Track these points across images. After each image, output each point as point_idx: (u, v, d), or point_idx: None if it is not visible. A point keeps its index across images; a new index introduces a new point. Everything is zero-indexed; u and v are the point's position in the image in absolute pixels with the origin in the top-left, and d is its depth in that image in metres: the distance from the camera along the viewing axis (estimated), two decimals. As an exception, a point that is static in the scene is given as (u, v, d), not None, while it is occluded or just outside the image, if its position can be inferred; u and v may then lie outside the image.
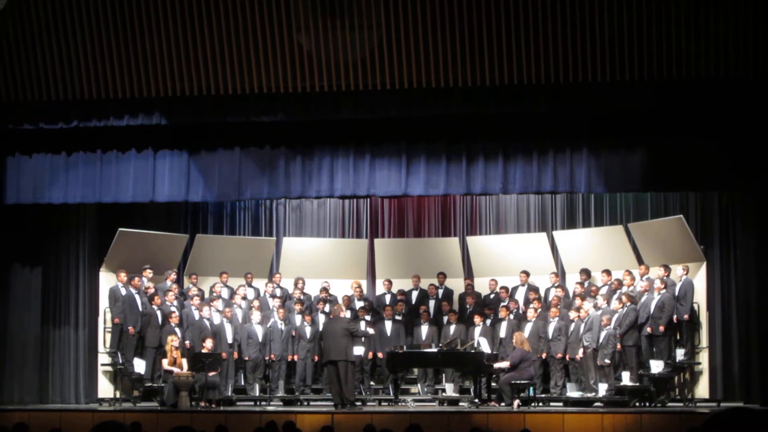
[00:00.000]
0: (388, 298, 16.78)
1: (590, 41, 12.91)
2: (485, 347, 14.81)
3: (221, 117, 13.87)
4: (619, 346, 14.46)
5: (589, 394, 14.50)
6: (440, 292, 16.76)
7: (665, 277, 14.71)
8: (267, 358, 15.69)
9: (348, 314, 15.28)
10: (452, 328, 15.66)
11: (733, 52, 12.74)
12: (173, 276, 16.09)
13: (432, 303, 16.58)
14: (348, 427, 12.30)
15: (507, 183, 13.77)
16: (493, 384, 14.83)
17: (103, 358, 15.63)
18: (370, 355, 15.97)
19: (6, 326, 15.17)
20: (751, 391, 14.44)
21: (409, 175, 13.89)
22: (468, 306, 16.28)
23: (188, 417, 13.20)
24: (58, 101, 14.01)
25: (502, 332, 15.41)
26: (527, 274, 16.33)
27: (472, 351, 14.67)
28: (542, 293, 16.15)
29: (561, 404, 14.60)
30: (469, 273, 17.31)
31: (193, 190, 14.30)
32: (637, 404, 14.07)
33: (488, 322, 15.73)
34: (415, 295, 16.88)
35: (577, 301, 15.23)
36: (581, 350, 14.76)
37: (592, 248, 16.32)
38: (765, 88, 12.82)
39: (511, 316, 15.53)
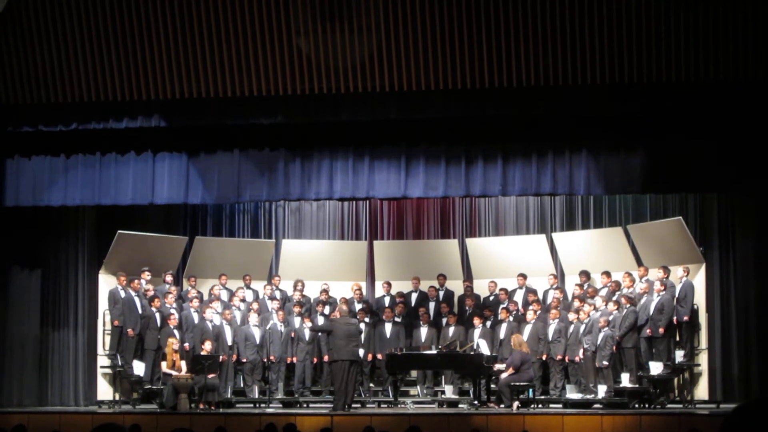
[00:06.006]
0: (387, 300, 16.79)
1: (589, 44, 12.91)
2: (484, 349, 14.81)
3: (220, 119, 13.86)
4: (615, 348, 14.43)
5: (588, 396, 14.49)
6: (441, 293, 16.76)
7: (664, 279, 14.71)
8: (265, 360, 15.70)
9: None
10: (451, 329, 15.67)
11: (732, 54, 12.75)
12: (169, 278, 16.09)
13: (432, 305, 16.58)
14: (347, 429, 12.30)
15: (506, 185, 13.77)
16: (492, 386, 14.83)
17: (103, 361, 15.64)
18: (370, 356, 15.98)
19: (5, 328, 15.17)
20: (750, 393, 14.44)
21: (408, 177, 13.88)
22: (467, 308, 16.28)
23: (187, 419, 13.20)
24: (57, 104, 14.01)
25: (502, 334, 15.41)
26: (524, 276, 16.33)
27: (472, 353, 14.67)
28: (541, 295, 16.15)
29: (560, 406, 14.60)
30: (468, 275, 17.31)
31: (192, 193, 14.30)
32: (637, 406, 14.06)
33: (488, 324, 15.73)
34: (414, 297, 16.88)
35: (576, 303, 15.23)
36: (581, 352, 14.76)
37: (592, 250, 16.32)
38: (763, 90, 12.82)
39: (511, 318, 15.53)
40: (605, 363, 14.34)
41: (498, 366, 14.64)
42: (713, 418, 12.56)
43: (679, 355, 14.53)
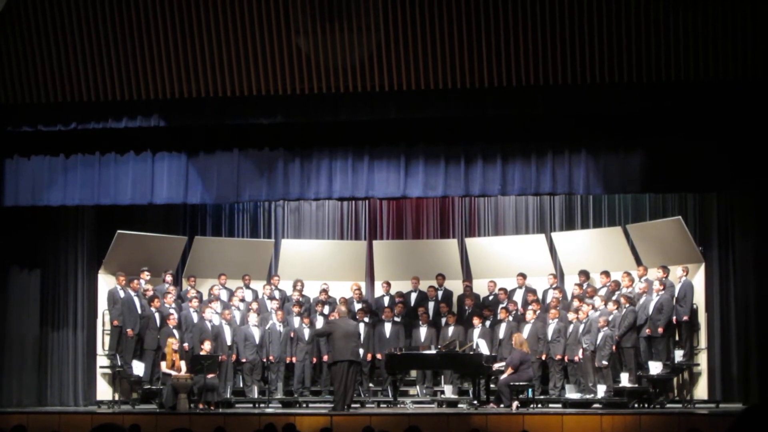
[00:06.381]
0: (386, 300, 16.79)
1: (588, 43, 12.91)
2: (484, 349, 14.81)
3: (220, 119, 13.86)
4: (614, 347, 14.43)
5: (587, 396, 14.50)
6: (440, 293, 16.76)
7: (664, 279, 14.71)
8: (264, 360, 15.70)
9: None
10: (451, 329, 15.67)
11: (731, 53, 12.75)
12: (169, 278, 16.08)
13: (431, 305, 16.57)
14: (347, 429, 12.30)
15: (505, 184, 13.77)
16: (491, 385, 14.83)
17: (102, 361, 15.63)
18: (369, 356, 15.97)
19: (5, 328, 15.15)
20: (749, 392, 14.45)
21: (407, 176, 13.89)
22: (466, 308, 16.28)
23: (187, 419, 13.20)
24: (56, 103, 14.00)
25: (501, 334, 15.42)
26: (524, 276, 16.33)
27: (471, 353, 14.67)
28: (540, 295, 16.15)
29: (560, 406, 14.60)
30: (467, 275, 17.32)
31: (191, 192, 14.30)
32: (636, 405, 14.07)
33: (487, 323, 15.73)
34: (413, 296, 16.87)
35: (575, 303, 15.23)
36: (580, 352, 14.76)
37: (591, 250, 16.32)
38: (763, 90, 12.82)
39: (510, 318, 15.53)
40: (604, 363, 14.34)
41: (497, 366, 14.64)
42: (712, 417, 12.57)
43: (679, 355, 14.54)
